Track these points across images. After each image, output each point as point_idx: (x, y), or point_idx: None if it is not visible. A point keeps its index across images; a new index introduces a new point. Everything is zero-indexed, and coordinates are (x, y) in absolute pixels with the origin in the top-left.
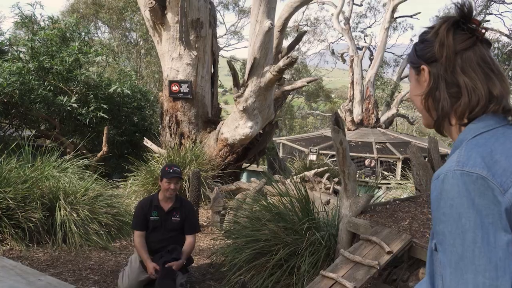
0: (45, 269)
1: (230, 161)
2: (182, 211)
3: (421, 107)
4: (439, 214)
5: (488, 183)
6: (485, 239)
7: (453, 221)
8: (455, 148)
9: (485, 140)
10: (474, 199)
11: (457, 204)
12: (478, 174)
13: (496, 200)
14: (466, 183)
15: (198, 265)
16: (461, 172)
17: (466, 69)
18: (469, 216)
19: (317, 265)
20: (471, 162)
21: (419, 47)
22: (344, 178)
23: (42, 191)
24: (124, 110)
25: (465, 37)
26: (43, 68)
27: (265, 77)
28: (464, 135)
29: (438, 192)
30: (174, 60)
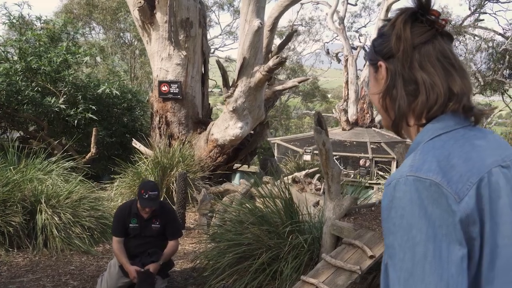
0: (24, 275)
1: (220, 162)
2: (162, 217)
3: (379, 106)
4: (389, 224)
5: (442, 190)
6: (437, 253)
7: (404, 233)
8: (411, 151)
9: (443, 143)
10: (427, 208)
11: (408, 214)
12: (432, 180)
13: (450, 209)
14: (419, 190)
15: (181, 269)
16: (414, 177)
17: (424, 65)
18: (421, 227)
19: (300, 270)
20: (426, 166)
21: (377, 42)
22: (328, 180)
23: (24, 194)
24: (114, 111)
25: (424, 30)
26: (30, 69)
27: (255, 77)
28: (421, 136)
29: (389, 200)
30: (163, 60)
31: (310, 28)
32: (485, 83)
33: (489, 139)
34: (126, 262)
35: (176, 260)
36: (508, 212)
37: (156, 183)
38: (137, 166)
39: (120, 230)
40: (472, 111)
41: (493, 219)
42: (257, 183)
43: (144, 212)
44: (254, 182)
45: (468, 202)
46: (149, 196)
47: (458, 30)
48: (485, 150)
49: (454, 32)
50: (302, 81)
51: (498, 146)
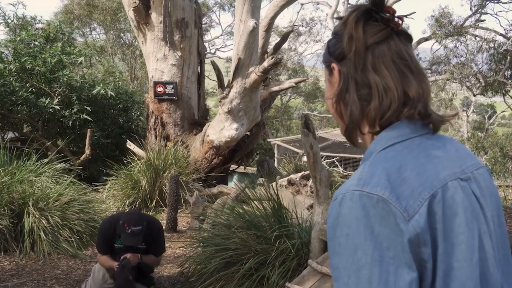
0: (9, 279)
1: (216, 164)
2: (147, 236)
3: (333, 112)
4: (334, 244)
5: (390, 207)
6: (383, 278)
7: (349, 255)
8: (363, 162)
9: (396, 153)
10: (374, 227)
11: (353, 233)
12: (379, 196)
13: (398, 228)
14: (366, 207)
15: (169, 273)
16: (360, 193)
17: (378, 67)
18: (366, 249)
19: (288, 275)
20: (374, 180)
21: (331, 43)
22: (316, 183)
23: (12, 196)
24: (110, 112)
25: (378, 29)
26: (25, 70)
27: (250, 78)
28: (374, 146)
29: (334, 217)
30: (159, 61)
31: (311, 28)
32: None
33: (447, 149)
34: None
35: (165, 264)
36: (465, 231)
37: (141, 214)
38: (130, 168)
39: (105, 248)
40: (430, 117)
41: (448, 239)
42: (249, 185)
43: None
44: (246, 185)
45: (418, 221)
46: (132, 231)
47: (459, 31)
48: (442, 161)
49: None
50: (299, 81)
51: (458, 156)
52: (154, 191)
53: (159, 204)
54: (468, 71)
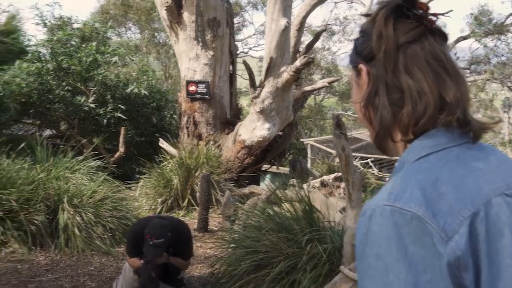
0: (44, 274)
1: (248, 164)
2: (175, 242)
3: (361, 117)
4: (363, 264)
5: (426, 225)
6: None
7: (379, 277)
8: (395, 173)
9: (430, 165)
10: (408, 248)
11: (385, 254)
12: (413, 213)
13: (435, 250)
14: (398, 225)
15: (200, 273)
16: (391, 208)
17: (410, 68)
18: (399, 272)
19: (319, 281)
20: (407, 195)
21: (359, 42)
22: (348, 187)
23: (47, 193)
24: (143, 110)
25: (410, 27)
26: (61, 68)
27: (282, 78)
28: (407, 156)
29: (363, 234)
30: (191, 60)
31: (345, 27)
32: None
33: (490, 160)
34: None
35: (196, 264)
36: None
37: (165, 225)
38: (162, 166)
39: (135, 252)
40: (470, 125)
41: (493, 263)
42: (280, 186)
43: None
44: (277, 186)
45: (458, 242)
46: (154, 243)
47: (500, 29)
48: (484, 174)
49: (496, 31)
50: (332, 81)
51: (502, 169)
52: (186, 190)
53: (191, 203)
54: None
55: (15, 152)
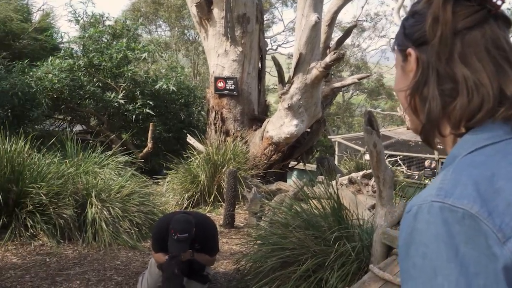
0: (71, 267)
1: (275, 160)
2: (200, 237)
3: (405, 106)
4: (408, 265)
5: (480, 224)
6: None
7: (426, 279)
8: (444, 168)
9: (485, 158)
10: (459, 248)
11: (432, 254)
12: (466, 211)
13: (490, 252)
14: (448, 223)
15: (225, 270)
16: (441, 205)
17: (468, 57)
18: (449, 274)
19: (347, 280)
20: (458, 190)
21: (408, 23)
22: (379, 184)
23: (76, 187)
24: (171, 106)
25: (471, 11)
26: (92, 65)
27: (311, 74)
28: (458, 149)
29: (407, 233)
30: (220, 56)
31: (376, 24)
32: None
33: None
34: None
35: (222, 260)
36: None
37: (189, 220)
38: (189, 162)
39: (159, 247)
40: None
41: None
42: (308, 183)
43: None
44: (305, 182)
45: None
46: (178, 238)
47: None
48: None
49: None
50: (362, 78)
51: None
52: (212, 186)
53: (217, 199)
54: None
55: (46, 147)
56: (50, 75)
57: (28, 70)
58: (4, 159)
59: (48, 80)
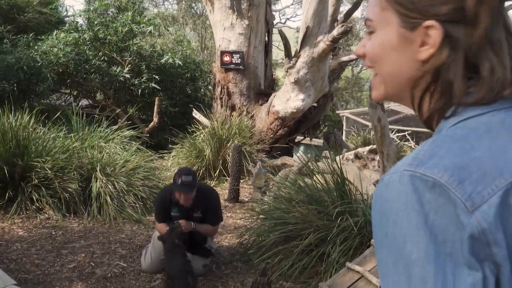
0: (77, 240)
1: (281, 135)
2: (203, 205)
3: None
4: (380, 234)
5: (449, 193)
6: (439, 278)
7: (397, 247)
8: None
9: (468, 131)
10: (428, 216)
11: (402, 221)
12: (436, 180)
13: (458, 221)
14: (419, 191)
15: (229, 243)
16: (412, 174)
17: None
18: (418, 241)
19: (349, 254)
20: (432, 161)
21: None
22: (383, 159)
23: (81, 161)
24: (177, 81)
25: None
26: (97, 39)
27: (318, 47)
28: (444, 122)
29: (380, 203)
30: (226, 30)
31: None
32: None
33: None
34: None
35: (226, 234)
36: None
37: (192, 169)
38: (194, 136)
39: (163, 217)
40: None
41: None
42: (313, 158)
43: (181, 200)
44: (309, 157)
45: (486, 213)
46: (182, 181)
47: None
48: None
49: None
50: None
51: None
52: (217, 161)
53: (222, 174)
54: None
55: (51, 121)
56: (55, 49)
57: (33, 44)
58: (9, 134)
59: (54, 54)
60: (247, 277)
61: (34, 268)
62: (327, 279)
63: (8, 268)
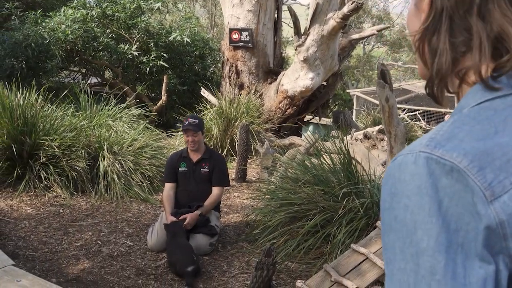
0: (84, 218)
1: (290, 114)
2: (211, 162)
3: (414, 49)
4: (390, 217)
5: (468, 180)
6: (449, 269)
7: (407, 233)
8: None
9: (493, 112)
10: (442, 202)
11: (414, 206)
12: (454, 164)
13: (475, 210)
14: (434, 175)
15: (236, 223)
16: (428, 155)
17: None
18: (430, 229)
19: (355, 235)
20: (451, 144)
21: None
22: (390, 139)
23: (89, 140)
24: (186, 59)
25: None
26: (105, 16)
27: (328, 25)
28: (466, 100)
29: (391, 184)
30: (235, 7)
31: None
32: None
33: None
34: (168, 211)
35: (232, 214)
36: None
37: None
38: (202, 115)
39: (170, 176)
40: None
41: None
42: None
43: (190, 146)
44: (316, 138)
45: (506, 203)
46: (189, 122)
47: None
48: None
49: None
50: (381, 29)
51: None
52: (225, 140)
53: (230, 153)
54: None
55: (59, 99)
56: (63, 26)
57: (41, 20)
58: (17, 111)
59: (61, 31)
60: (252, 257)
61: (41, 245)
62: (332, 260)
63: (16, 245)
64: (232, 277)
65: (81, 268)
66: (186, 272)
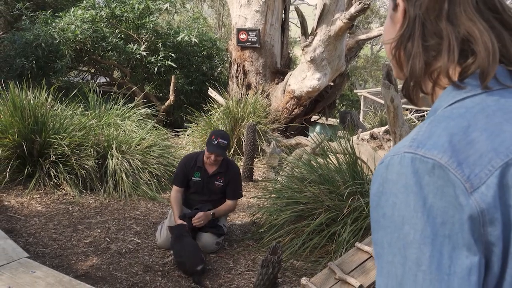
0: (93, 216)
1: (297, 114)
2: (226, 176)
3: (390, 57)
4: (378, 215)
5: (449, 175)
6: (434, 260)
7: (394, 228)
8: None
9: (464, 110)
10: (427, 198)
11: (401, 203)
12: (436, 161)
13: (457, 202)
14: (418, 173)
15: (242, 222)
16: (412, 155)
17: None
18: (416, 223)
19: (359, 234)
20: (431, 141)
21: None
22: (395, 140)
23: (97, 139)
24: (194, 59)
25: None
26: (114, 16)
27: (335, 25)
28: (439, 102)
29: (379, 183)
30: (242, 7)
31: None
32: None
33: None
34: (176, 214)
35: (239, 213)
36: None
37: (227, 134)
38: (209, 115)
39: (181, 181)
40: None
41: None
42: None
43: (209, 161)
44: (322, 138)
45: (484, 194)
46: (219, 142)
47: None
48: None
49: None
50: None
51: None
52: (232, 140)
53: (237, 153)
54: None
55: (69, 99)
56: (72, 26)
57: (51, 21)
58: (28, 110)
59: (71, 31)
60: (258, 255)
61: (51, 242)
62: (337, 258)
63: (26, 241)
64: (238, 275)
65: (90, 264)
66: (195, 271)
